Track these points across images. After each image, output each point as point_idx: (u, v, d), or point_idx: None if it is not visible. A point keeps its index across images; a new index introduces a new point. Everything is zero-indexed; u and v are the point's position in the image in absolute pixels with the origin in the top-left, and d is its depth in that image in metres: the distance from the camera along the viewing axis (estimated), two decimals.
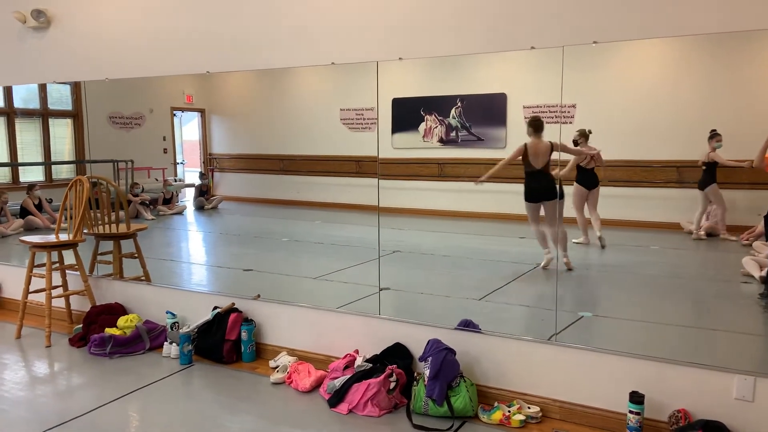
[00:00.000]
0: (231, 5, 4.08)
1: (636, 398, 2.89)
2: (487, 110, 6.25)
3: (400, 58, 3.54)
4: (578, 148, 4.25)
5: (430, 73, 5.94)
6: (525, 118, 5.95)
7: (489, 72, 5.94)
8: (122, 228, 4.77)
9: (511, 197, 6.02)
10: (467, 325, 3.53)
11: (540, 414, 3.19)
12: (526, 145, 4.24)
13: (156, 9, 4.40)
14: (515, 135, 6.04)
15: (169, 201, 7.17)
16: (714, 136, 4.03)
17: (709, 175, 4.17)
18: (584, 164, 4.34)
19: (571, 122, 5.55)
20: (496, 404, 3.26)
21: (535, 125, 4.27)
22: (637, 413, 2.88)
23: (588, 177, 4.35)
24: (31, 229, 6.94)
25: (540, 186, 4.31)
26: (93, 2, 4.67)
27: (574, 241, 4.44)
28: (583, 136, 4.34)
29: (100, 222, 4.74)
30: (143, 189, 6.81)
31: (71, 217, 4.55)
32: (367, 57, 3.67)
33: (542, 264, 4.40)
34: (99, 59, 4.69)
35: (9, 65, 5.22)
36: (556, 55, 3.29)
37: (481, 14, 3.30)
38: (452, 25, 3.38)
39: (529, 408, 3.21)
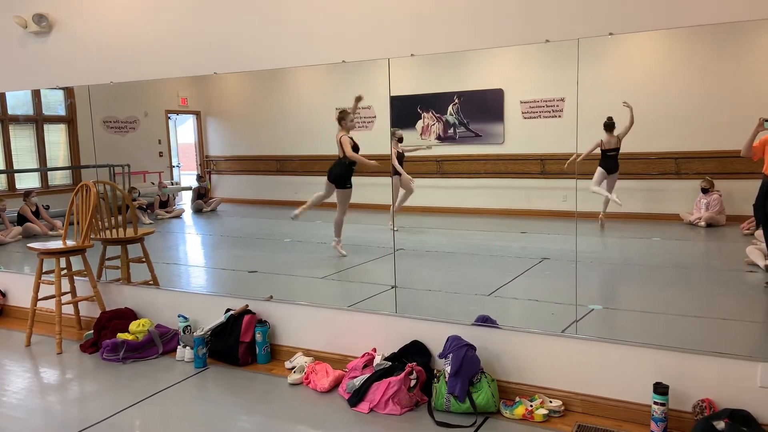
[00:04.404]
0: (237, 5, 4.06)
1: (660, 389, 2.90)
2: (485, 106, 6.27)
3: (411, 55, 3.53)
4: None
5: (426, 71, 5.94)
6: (522, 113, 5.99)
7: (485, 68, 5.96)
8: (129, 232, 4.72)
9: (511, 192, 6.06)
10: (485, 321, 3.53)
11: (562, 408, 3.20)
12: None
13: (161, 11, 4.36)
14: (513, 130, 6.09)
15: (166, 204, 7.13)
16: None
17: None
18: None
19: (559, 116, 5.60)
20: (517, 399, 3.26)
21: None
22: (662, 404, 2.89)
23: None
24: (29, 236, 6.87)
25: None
26: (95, 6, 4.61)
27: None
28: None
29: (107, 227, 4.69)
30: (140, 193, 6.77)
31: (77, 222, 4.50)
32: (378, 54, 3.64)
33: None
34: (103, 63, 4.63)
35: (10, 71, 5.13)
36: (550, 50, 3.27)
37: (494, 8, 3.30)
38: (464, 20, 3.37)
39: (551, 402, 3.22)
